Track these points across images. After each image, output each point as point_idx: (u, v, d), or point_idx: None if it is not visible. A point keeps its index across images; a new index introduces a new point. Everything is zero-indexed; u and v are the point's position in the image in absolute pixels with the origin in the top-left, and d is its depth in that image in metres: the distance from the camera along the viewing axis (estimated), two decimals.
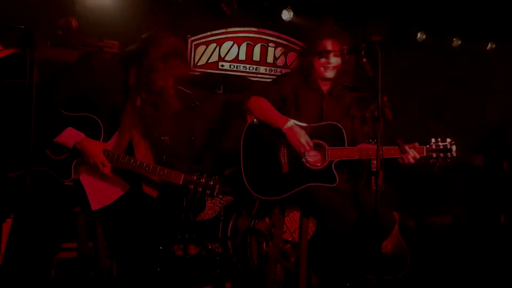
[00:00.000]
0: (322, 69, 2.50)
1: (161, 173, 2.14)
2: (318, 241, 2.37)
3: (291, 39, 5.06)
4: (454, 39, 5.45)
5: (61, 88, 2.06)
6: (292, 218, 3.28)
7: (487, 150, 5.11)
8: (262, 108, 2.44)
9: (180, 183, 2.15)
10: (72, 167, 2.07)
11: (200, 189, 2.15)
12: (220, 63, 4.77)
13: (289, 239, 3.24)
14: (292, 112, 2.51)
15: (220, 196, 3.86)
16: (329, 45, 2.46)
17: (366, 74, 2.40)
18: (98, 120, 2.10)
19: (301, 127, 2.41)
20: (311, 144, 2.34)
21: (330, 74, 2.52)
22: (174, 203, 3.89)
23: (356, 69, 2.54)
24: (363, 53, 2.24)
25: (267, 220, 3.28)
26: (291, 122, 2.36)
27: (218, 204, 3.85)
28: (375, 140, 2.16)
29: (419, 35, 5.30)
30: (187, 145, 3.75)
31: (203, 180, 2.16)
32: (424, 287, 3.42)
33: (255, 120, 2.50)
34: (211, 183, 2.15)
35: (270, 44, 4.98)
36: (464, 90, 5.57)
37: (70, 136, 2.02)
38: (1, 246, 3.08)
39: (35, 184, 1.94)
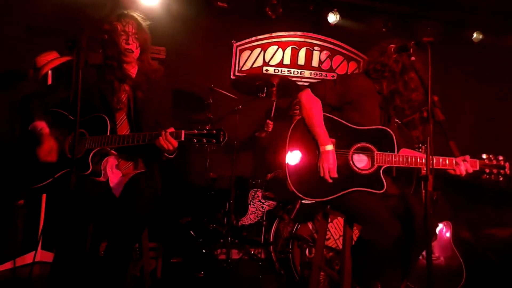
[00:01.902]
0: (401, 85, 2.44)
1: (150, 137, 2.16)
2: (359, 250, 2.26)
3: (337, 42, 4.97)
4: None
5: (60, 94, 2.34)
6: (336, 225, 3.18)
7: None
8: (311, 114, 2.38)
9: (182, 139, 2.13)
10: (90, 160, 2.24)
11: (205, 139, 2.10)
12: (265, 68, 4.77)
13: (333, 246, 3.14)
14: (355, 113, 2.44)
15: (263, 201, 3.83)
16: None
17: (416, 73, 2.28)
18: (105, 117, 2.29)
19: (351, 128, 2.39)
20: (334, 174, 2.30)
21: None
22: (217, 207, 3.92)
23: None
24: (411, 52, 2.14)
25: (310, 226, 3.20)
26: (331, 146, 2.32)
27: (261, 209, 3.82)
28: (425, 146, 2.03)
29: (475, 35, 4.99)
30: (231, 149, 3.77)
31: (205, 131, 2.10)
32: None
33: (301, 118, 2.44)
34: (214, 131, 2.10)
35: (316, 48, 4.92)
36: None
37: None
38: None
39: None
